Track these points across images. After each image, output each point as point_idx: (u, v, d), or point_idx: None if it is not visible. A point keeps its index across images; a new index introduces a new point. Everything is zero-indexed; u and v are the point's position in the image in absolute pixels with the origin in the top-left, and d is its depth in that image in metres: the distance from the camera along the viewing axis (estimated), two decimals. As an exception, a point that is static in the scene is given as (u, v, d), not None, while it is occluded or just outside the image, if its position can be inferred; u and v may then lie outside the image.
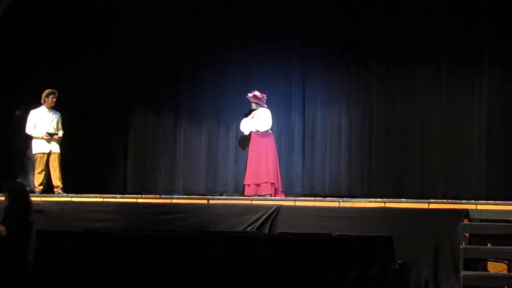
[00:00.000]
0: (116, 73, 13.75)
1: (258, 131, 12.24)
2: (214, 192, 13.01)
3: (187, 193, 12.91)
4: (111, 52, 13.65)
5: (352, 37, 12.82)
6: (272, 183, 12.02)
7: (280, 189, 12.20)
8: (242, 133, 12.76)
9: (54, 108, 12.25)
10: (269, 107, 12.45)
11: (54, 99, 12.17)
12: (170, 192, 13.09)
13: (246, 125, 12.41)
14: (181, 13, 13.47)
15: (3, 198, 8.87)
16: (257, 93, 12.38)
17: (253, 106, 12.40)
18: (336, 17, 12.87)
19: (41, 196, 11.59)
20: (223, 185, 13.18)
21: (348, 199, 11.00)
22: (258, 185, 12.00)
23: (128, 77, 13.79)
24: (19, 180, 11.43)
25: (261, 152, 12.15)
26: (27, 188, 9.44)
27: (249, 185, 12.11)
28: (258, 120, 12.26)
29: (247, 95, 12.41)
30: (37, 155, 12.09)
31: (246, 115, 12.53)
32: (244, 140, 12.74)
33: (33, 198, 10.24)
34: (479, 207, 9.83)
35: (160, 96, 13.76)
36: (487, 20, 12.19)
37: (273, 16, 13.04)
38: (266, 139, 12.24)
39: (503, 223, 9.52)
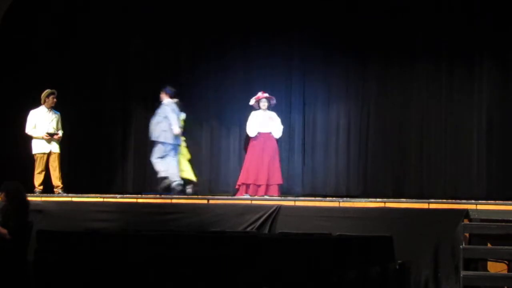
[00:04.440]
0: (115, 73, 13.75)
1: (273, 135, 12.16)
2: (215, 192, 12.98)
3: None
4: (111, 52, 13.65)
5: (351, 37, 12.83)
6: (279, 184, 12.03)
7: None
8: (245, 133, 12.75)
9: (53, 108, 12.26)
10: (269, 107, 12.43)
11: (54, 99, 12.18)
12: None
13: (257, 127, 12.27)
14: (180, 13, 13.48)
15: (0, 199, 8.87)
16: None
17: (265, 106, 12.22)
18: (335, 17, 12.87)
19: (41, 196, 11.59)
20: (225, 186, 13.17)
21: (348, 199, 11.00)
22: (268, 186, 11.96)
23: (127, 77, 13.79)
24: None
25: (275, 154, 12.10)
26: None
27: (258, 185, 12.02)
28: (277, 125, 12.19)
29: (264, 94, 12.20)
30: (37, 155, 12.08)
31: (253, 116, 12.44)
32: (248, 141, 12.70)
33: (33, 198, 10.29)
34: (479, 207, 9.83)
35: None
36: (487, 20, 12.19)
37: (273, 16, 13.05)
38: (275, 141, 12.21)
39: (503, 223, 9.52)
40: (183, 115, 12.36)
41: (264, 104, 12.18)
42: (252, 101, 12.16)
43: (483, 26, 12.19)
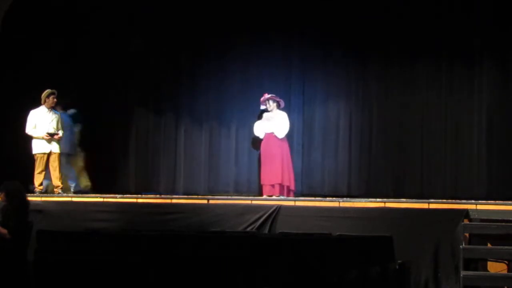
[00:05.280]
0: (116, 73, 13.74)
1: (276, 135, 12.20)
2: (215, 192, 12.99)
3: (188, 193, 12.90)
4: (111, 52, 13.64)
5: (351, 37, 12.81)
6: (281, 185, 12.01)
7: (293, 188, 12.21)
8: (244, 133, 12.79)
9: (54, 108, 12.27)
10: (278, 107, 12.48)
11: (55, 99, 12.19)
12: (171, 192, 13.09)
13: (261, 128, 12.35)
14: (180, 13, 13.47)
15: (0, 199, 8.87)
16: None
17: (270, 107, 12.32)
18: (335, 17, 12.86)
19: (41, 196, 11.59)
20: (225, 186, 13.18)
21: (348, 199, 10.99)
22: (272, 186, 12.00)
23: (128, 77, 13.78)
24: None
25: (276, 153, 12.12)
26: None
27: (266, 185, 12.09)
28: (278, 124, 12.22)
29: (264, 96, 12.36)
30: (37, 155, 12.09)
31: (259, 117, 12.50)
32: (255, 141, 12.69)
33: (33, 198, 10.29)
34: (479, 207, 9.83)
35: (161, 96, 13.76)
36: (487, 20, 12.18)
37: (272, 16, 13.04)
38: (282, 141, 12.23)
39: (503, 223, 9.52)
40: (78, 126, 12.96)
41: (269, 105, 12.29)
42: (261, 106, 12.37)
43: (483, 26, 12.17)
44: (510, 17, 12.02)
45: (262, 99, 12.41)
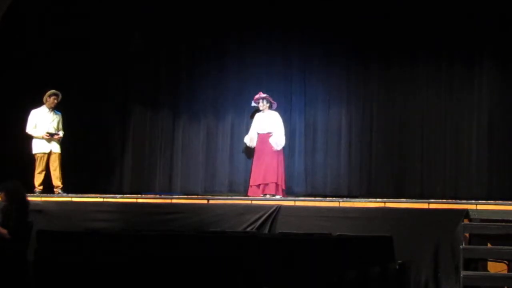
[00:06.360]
0: (114, 73, 13.74)
1: (271, 136, 12.20)
2: (212, 191, 13.00)
3: (185, 192, 12.91)
4: (110, 51, 13.64)
5: (352, 37, 12.82)
6: (277, 184, 12.02)
7: (284, 187, 12.19)
8: (242, 133, 12.80)
9: (54, 108, 12.26)
10: (271, 107, 12.48)
11: (55, 101, 12.18)
12: (167, 191, 13.09)
13: (254, 130, 12.33)
14: (180, 13, 13.47)
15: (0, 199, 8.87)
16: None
17: (262, 106, 12.33)
18: (336, 17, 12.86)
19: (41, 196, 11.59)
20: (221, 185, 13.17)
21: (348, 199, 11.00)
22: (266, 184, 12.00)
23: (126, 77, 13.79)
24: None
25: (270, 152, 12.13)
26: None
27: (257, 186, 12.08)
28: (276, 136, 12.20)
29: (260, 94, 12.37)
30: (37, 155, 12.08)
31: (252, 116, 12.50)
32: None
33: (33, 198, 10.29)
34: (479, 207, 9.83)
35: (159, 96, 13.76)
36: (487, 20, 12.19)
37: (273, 16, 13.04)
38: None
39: (503, 223, 9.52)
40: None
41: (262, 104, 12.31)
42: (253, 103, 12.34)
43: (483, 26, 12.18)
44: (510, 17, 12.02)
45: (256, 96, 12.39)
